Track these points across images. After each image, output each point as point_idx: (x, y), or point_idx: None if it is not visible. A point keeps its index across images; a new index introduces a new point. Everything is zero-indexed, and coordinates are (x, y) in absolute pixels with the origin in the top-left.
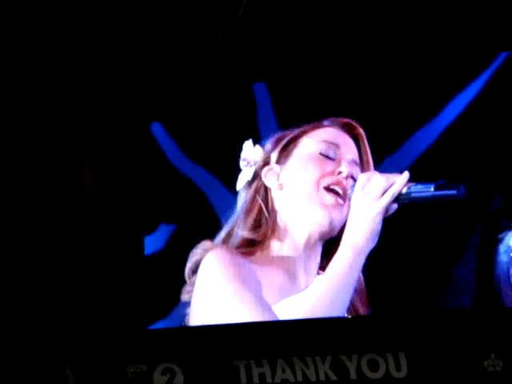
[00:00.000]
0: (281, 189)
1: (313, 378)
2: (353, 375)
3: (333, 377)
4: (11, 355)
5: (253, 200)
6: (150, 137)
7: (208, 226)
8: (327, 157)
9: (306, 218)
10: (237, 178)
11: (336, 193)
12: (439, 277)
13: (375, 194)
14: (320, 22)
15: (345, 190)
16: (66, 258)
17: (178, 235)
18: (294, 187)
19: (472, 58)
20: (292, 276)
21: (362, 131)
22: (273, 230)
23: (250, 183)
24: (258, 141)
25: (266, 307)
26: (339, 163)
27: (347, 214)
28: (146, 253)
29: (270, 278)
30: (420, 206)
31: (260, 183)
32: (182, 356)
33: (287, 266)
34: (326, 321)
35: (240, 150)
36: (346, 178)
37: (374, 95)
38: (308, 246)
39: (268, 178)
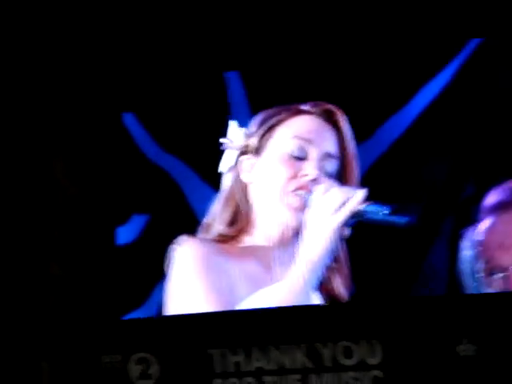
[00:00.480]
0: (252, 182)
1: (288, 366)
2: (328, 362)
3: (308, 364)
4: None
5: (231, 191)
6: (121, 127)
7: (181, 217)
8: (297, 158)
9: (276, 218)
10: (210, 167)
11: (304, 191)
12: (412, 264)
13: (332, 208)
14: (293, 6)
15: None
16: (38, 250)
17: (151, 226)
18: (264, 185)
19: (443, 45)
20: (266, 267)
21: (341, 118)
22: (248, 224)
23: (230, 169)
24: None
25: (229, 304)
26: (308, 163)
27: None
28: (118, 243)
29: (243, 270)
30: (392, 190)
31: (238, 173)
32: (156, 346)
33: (261, 258)
34: (301, 308)
35: (213, 139)
36: (313, 180)
37: (346, 82)
38: (282, 240)
39: (243, 169)
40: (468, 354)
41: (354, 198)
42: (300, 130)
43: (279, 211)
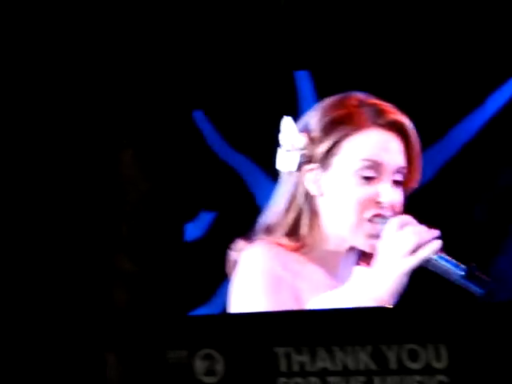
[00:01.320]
0: (322, 195)
1: (352, 367)
2: (393, 365)
3: (372, 366)
4: (52, 340)
5: (293, 197)
6: (192, 125)
7: (248, 215)
8: (367, 178)
9: (349, 241)
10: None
11: (380, 218)
12: (482, 267)
13: (405, 250)
14: (362, 6)
15: (388, 216)
16: (108, 245)
17: (218, 223)
18: (337, 205)
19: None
20: (332, 272)
21: (411, 128)
22: (312, 235)
23: (291, 173)
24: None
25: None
26: (382, 185)
27: None
28: (186, 240)
29: (309, 275)
30: (459, 195)
31: (301, 181)
32: (222, 342)
33: (327, 263)
34: (367, 310)
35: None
36: (390, 205)
37: (416, 82)
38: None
39: (308, 180)
40: None
41: (430, 246)
42: (369, 150)
43: (353, 236)
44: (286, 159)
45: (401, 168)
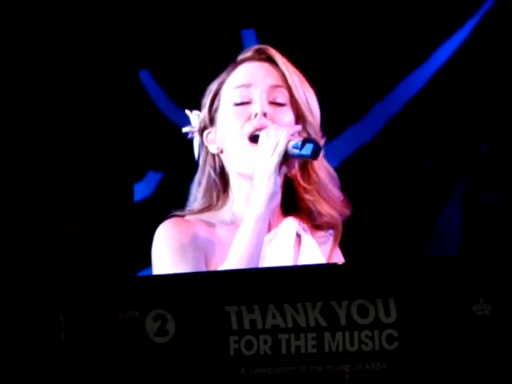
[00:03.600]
0: (221, 152)
1: (303, 324)
2: (342, 321)
3: (323, 323)
4: (2, 304)
5: (204, 166)
6: (138, 84)
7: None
8: (241, 103)
9: (246, 173)
10: None
11: (255, 141)
12: (425, 222)
13: (268, 151)
14: None
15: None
16: (56, 206)
17: (166, 182)
18: (227, 147)
19: (460, 3)
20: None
21: (273, 52)
22: (225, 191)
23: (199, 153)
24: None
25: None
26: (254, 104)
27: None
28: (134, 200)
29: (214, 239)
30: (407, 151)
31: (206, 149)
32: (173, 302)
33: (236, 225)
34: (317, 267)
35: None
36: (263, 115)
37: (361, 41)
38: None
39: (209, 142)
40: (485, 313)
41: (281, 139)
42: (238, 79)
43: (247, 166)
44: (195, 145)
45: (276, 85)
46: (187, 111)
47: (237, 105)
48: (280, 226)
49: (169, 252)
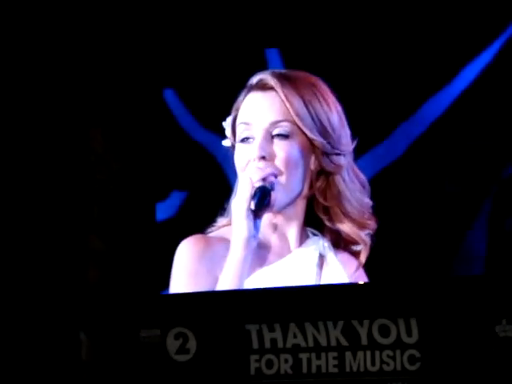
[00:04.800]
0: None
1: (324, 343)
2: (364, 340)
3: (344, 342)
4: (24, 320)
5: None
6: (162, 103)
7: (220, 194)
8: (244, 140)
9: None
10: None
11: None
12: (451, 242)
13: (238, 196)
14: None
15: (266, 173)
16: (79, 224)
17: (190, 202)
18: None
19: (485, 25)
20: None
21: (275, 81)
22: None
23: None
24: None
25: None
26: (253, 143)
27: (286, 185)
28: (157, 219)
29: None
30: (431, 171)
31: None
32: (194, 321)
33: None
34: (338, 287)
35: None
36: (262, 159)
37: (386, 61)
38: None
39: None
40: (508, 335)
41: (246, 183)
42: (242, 113)
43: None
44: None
45: (273, 123)
46: (224, 123)
47: (241, 141)
48: (303, 246)
49: (183, 274)
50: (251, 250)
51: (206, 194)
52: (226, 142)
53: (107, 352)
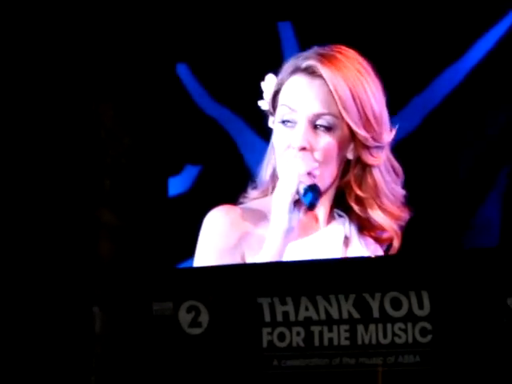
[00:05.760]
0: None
1: (336, 316)
2: (375, 313)
3: (356, 315)
4: (37, 295)
5: (269, 151)
6: (175, 78)
7: (233, 168)
8: (286, 122)
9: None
10: (261, 119)
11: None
12: (464, 215)
13: (282, 188)
14: None
15: (312, 168)
16: (91, 198)
17: (204, 177)
18: (276, 155)
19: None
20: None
21: (324, 70)
22: (275, 185)
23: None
24: None
25: None
26: (295, 132)
27: (321, 176)
28: (170, 194)
29: (256, 234)
30: (445, 145)
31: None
32: (206, 294)
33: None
34: (349, 260)
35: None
36: (302, 149)
37: (399, 34)
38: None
39: (273, 131)
40: None
41: (293, 178)
42: (287, 95)
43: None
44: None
45: (317, 115)
46: (269, 75)
47: (283, 122)
48: (329, 226)
49: (210, 247)
50: (288, 242)
51: (219, 168)
52: (263, 105)
53: (120, 325)
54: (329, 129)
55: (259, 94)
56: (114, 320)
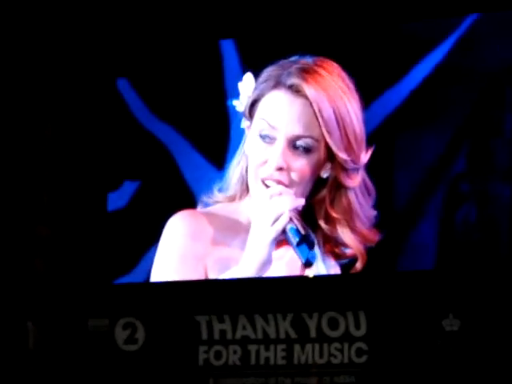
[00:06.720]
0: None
1: (273, 336)
2: (313, 333)
3: (293, 334)
4: None
5: (240, 155)
6: (115, 92)
7: (172, 184)
8: (265, 137)
9: (253, 198)
10: (201, 134)
11: (267, 187)
12: (399, 238)
13: (267, 221)
14: None
15: (278, 181)
16: (27, 213)
17: (142, 192)
18: (248, 163)
19: (441, 20)
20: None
21: (310, 91)
22: (244, 191)
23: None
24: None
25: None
26: (274, 150)
27: (294, 194)
28: (109, 209)
29: (221, 241)
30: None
31: (244, 140)
32: (143, 311)
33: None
34: (289, 279)
35: (205, 107)
36: (278, 169)
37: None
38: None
39: (246, 137)
40: (453, 329)
41: (283, 217)
42: (268, 110)
43: (254, 194)
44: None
45: (297, 137)
46: (247, 74)
47: (261, 137)
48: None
49: (172, 257)
50: (262, 274)
51: (157, 184)
52: (238, 106)
53: (55, 341)
54: (307, 151)
55: (199, 110)
56: (49, 336)
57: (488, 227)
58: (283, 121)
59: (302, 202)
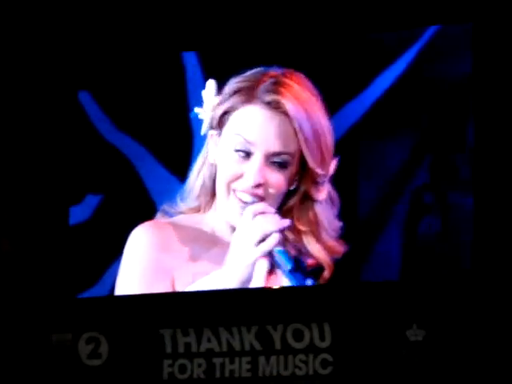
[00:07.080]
0: (216, 164)
1: (238, 348)
2: (277, 345)
3: (258, 347)
4: None
5: (201, 165)
6: (77, 105)
7: (135, 197)
8: (240, 151)
9: (223, 210)
10: (164, 147)
11: (242, 201)
12: (362, 249)
13: (251, 241)
14: None
15: (255, 195)
16: None
17: (105, 205)
18: (218, 175)
19: (403, 31)
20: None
21: (290, 107)
22: (210, 201)
23: (205, 138)
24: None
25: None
26: (251, 165)
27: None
28: (71, 223)
29: (187, 254)
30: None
31: (207, 149)
32: (107, 325)
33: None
34: (253, 291)
35: (168, 119)
36: (255, 186)
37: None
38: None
39: (210, 146)
40: (418, 339)
41: (271, 239)
42: (243, 125)
43: (225, 206)
44: (204, 121)
45: (275, 154)
46: (210, 81)
47: (236, 151)
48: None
49: (137, 271)
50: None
51: (120, 197)
52: (205, 129)
53: (17, 356)
54: (283, 166)
55: (161, 122)
56: (12, 350)
57: (451, 238)
58: (261, 137)
59: (287, 222)
